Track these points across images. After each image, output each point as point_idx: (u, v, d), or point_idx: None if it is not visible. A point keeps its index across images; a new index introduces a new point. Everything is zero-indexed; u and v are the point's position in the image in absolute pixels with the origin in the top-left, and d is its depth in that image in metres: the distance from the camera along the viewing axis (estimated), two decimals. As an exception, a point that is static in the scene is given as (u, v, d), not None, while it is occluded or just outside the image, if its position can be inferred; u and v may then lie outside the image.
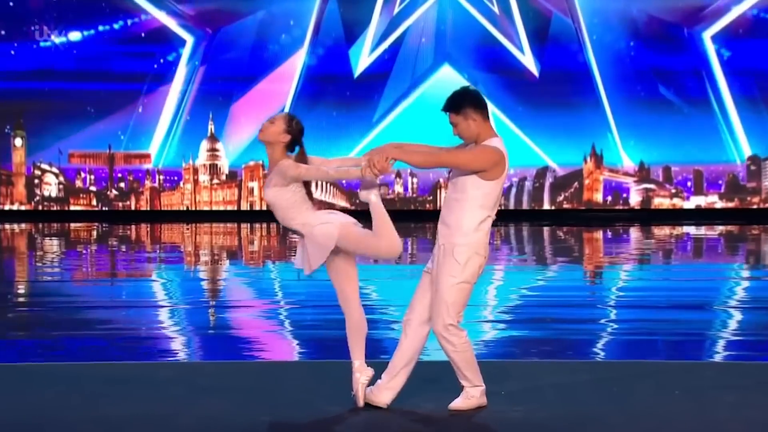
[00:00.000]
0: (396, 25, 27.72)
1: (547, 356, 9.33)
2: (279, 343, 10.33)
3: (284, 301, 13.28)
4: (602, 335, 10.50)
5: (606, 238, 23.99)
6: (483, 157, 6.60)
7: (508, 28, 27.53)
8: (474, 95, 6.71)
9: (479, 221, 6.64)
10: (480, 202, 6.64)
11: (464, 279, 6.65)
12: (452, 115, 6.71)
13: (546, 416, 6.70)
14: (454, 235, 6.64)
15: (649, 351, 9.68)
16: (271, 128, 6.86)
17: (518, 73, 27.53)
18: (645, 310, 12.27)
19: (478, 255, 6.66)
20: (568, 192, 27.92)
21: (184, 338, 10.34)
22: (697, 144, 27.50)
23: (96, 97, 27.85)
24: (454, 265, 6.63)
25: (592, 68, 27.51)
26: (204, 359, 9.28)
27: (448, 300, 6.64)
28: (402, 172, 27.94)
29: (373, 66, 27.72)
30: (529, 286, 14.56)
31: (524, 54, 27.55)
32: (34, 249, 21.71)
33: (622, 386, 7.54)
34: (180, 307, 12.57)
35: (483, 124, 6.70)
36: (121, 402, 7.03)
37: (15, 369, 8.46)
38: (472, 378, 6.79)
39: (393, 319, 11.16)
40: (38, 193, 28.41)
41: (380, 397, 6.85)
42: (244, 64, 27.80)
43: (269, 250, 21.79)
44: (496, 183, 6.65)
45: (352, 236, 6.81)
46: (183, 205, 28.45)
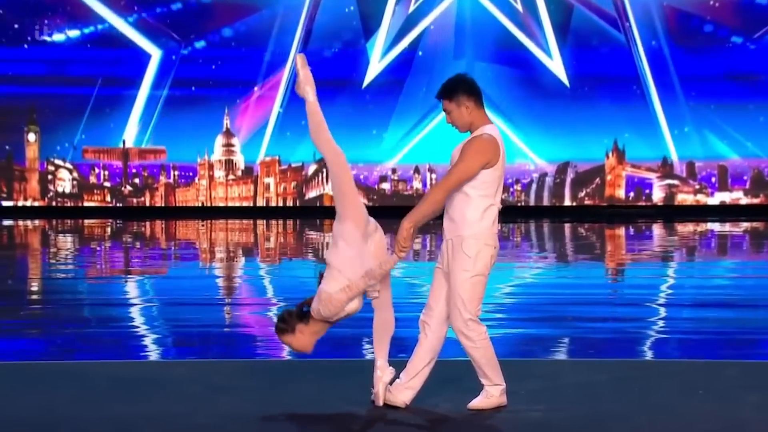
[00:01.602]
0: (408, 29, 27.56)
1: (568, 355, 9.33)
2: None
3: (300, 298, 13.01)
4: (624, 334, 10.42)
5: (628, 234, 23.95)
6: (478, 154, 6.56)
7: (531, 26, 27.34)
8: (468, 82, 6.70)
9: (483, 210, 6.60)
10: (480, 192, 6.59)
11: (477, 272, 6.60)
12: (445, 102, 6.70)
13: (566, 416, 6.66)
14: (460, 228, 6.61)
15: (673, 350, 9.60)
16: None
17: (542, 70, 27.48)
18: (668, 309, 12.16)
19: (487, 246, 6.61)
20: (590, 188, 27.87)
21: (199, 336, 10.29)
22: (722, 139, 27.38)
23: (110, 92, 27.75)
24: (465, 259, 6.59)
25: (615, 63, 27.45)
26: (220, 358, 9.17)
27: (463, 295, 6.59)
28: (420, 168, 27.80)
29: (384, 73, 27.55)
30: (550, 284, 14.50)
31: (549, 54, 27.38)
32: (48, 246, 21.74)
33: (644, 386, 7.45)
34: (195, 305, 12.50)
35: (476, 111, 6.69)
36: (134, 401, 7.00)
37: (28, 367, 8.45)
38: (493, 376, 6.73)
39: (405, 315, 10.99)
40: (52, 189, 28.37)
41: (399, 396, 6.81)
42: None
43: (285, 247, 21.79)
44: (493, 170, 6.60)
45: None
46: (198, 201, 28.33)
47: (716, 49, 27.38)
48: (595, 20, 27.45)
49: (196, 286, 14.65)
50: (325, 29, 27.69)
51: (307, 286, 14.47)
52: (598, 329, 10.67)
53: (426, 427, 6.55)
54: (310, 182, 28.12)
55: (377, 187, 28.02)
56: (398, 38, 27.75)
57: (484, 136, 6.62)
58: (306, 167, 28.07)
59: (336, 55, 27.73)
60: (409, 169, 27.96)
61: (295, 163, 28.09)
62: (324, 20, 27.71)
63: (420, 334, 6.82)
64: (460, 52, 27.61)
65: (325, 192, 28.04)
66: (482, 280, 6.62)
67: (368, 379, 6.89)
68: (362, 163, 27.91)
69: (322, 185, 28.02)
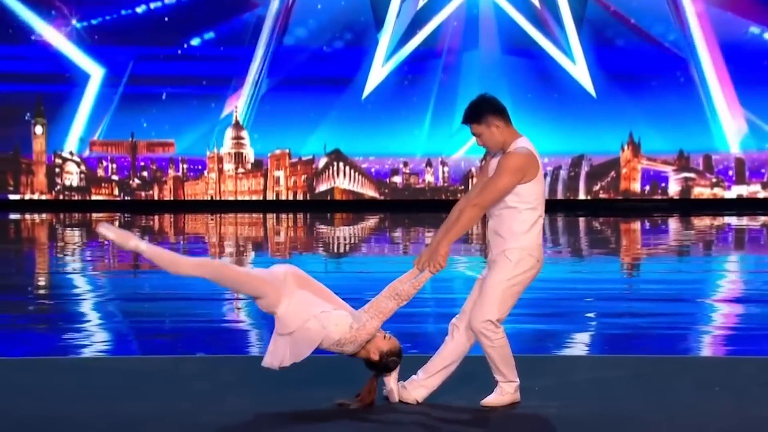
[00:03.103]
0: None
1: (583, 351, 9.34)
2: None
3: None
4: (639, 329, 10.36)
5: (644, 228, 23.97)
6: (516, 171, 6.56)
7: (547, 19, 27.21)
8: (493, 102, 6.71)
9: (531, 223, 6.65)
10: (528, 205, 6.64)
11: (513, 278, 6.62)
12: (474, 125, 6.69)
13: (581, 413, 6.65)
14: (507, 242, 6.65)
15: (688, 346, 9.59)
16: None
17: (555, 64, 27.40)
18: (684, 304, 12.11)
19: (531, 256, 6.65)
20: (605, 181, 27.78)
21: (207, 332, 10.26)
22: (738, 132, 27.30)
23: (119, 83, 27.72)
24: (506, 263, 6.63)
25: (630, 54, 27.37)
26: (228, 353, 9.12)
27: (492, 296, 6.61)
28: (432, 161, 27.66)
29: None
30: (564, 279, 14.37)
31: (565, 47, 27.23)
32: (55, 240, 21.72)
33: (659, 382, 7.43)
34: (204, 300, 12.43)
35: (506, 129, 6.68)
36: (141, 397, 6.98)
37: (34, 362, 8.45)
38: (507, 373, 6.73)
39: (422, 312, 11.01)
40: (59, 182, 28.30)
41: (413, 393, 6.80)
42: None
43: (295, 241, 21.73)
44: (535, 183, 6.64)
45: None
46: (207, 194, 28.18)
47: (736, 42, 27.14)
48: (610, 13, 27.23)
49: (204, 281, 14.42)
50: (338, 21, 27.48)
51: (317, 279, 14.41)
52: (612, 325, 10.65)
53: (439, 424, 6.53)
54: (320, 175, 27.99)
55: (389, 180, 27.91)
56: (409, 32, 27.60)
57: (520, 151, 6.60)
58: (316, 160, 27.95)
59: (346, 47, 27.57)
60: (421, 162, 27.80)
61: (305, 156, 27.94)
62: (336, 12, 27.50)
63: (447, 336, 6.84)
64: (473, 43, 27.46)
65: (335, 185, 27.89)
66: (517, 289, 6.64)
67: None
68: (373, 156, 27.79)
69: (332, 178, 27.90)
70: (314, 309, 6.53)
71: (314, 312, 6.51)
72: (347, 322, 6.53)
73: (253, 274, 6.60)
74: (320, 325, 6.48)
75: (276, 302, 6.49)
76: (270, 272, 6.62)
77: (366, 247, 20.17)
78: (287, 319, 6.49)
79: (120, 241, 6.45)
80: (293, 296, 6.54)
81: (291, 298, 6.53)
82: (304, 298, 6.57)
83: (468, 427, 6.50)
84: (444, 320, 10.60)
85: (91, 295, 13.08)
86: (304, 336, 6.47)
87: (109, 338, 9.82)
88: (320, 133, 27.70)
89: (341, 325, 6.52)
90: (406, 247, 19.76)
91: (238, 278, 6.56)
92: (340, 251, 19.05)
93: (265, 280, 6.54)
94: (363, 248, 19.88)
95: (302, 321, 6.47)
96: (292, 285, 6.60)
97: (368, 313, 6.60)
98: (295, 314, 6.49)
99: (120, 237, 6.45)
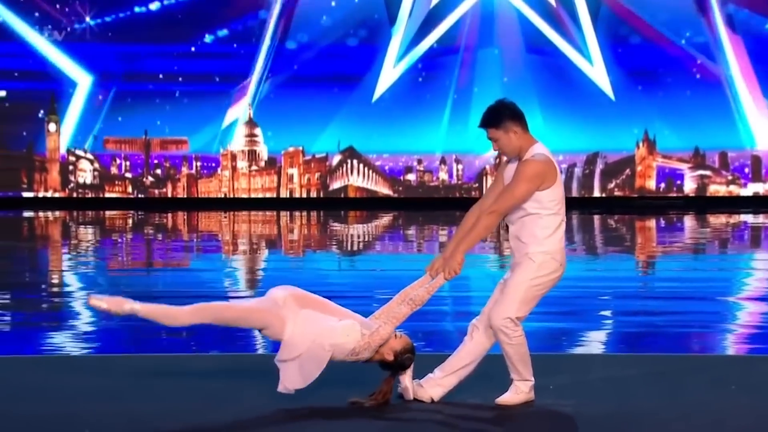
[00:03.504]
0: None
1: (597, 349, 9.31)
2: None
3: (323, 292, 12.81)
4: (654, 328, 10.29)
5: (659, 226, 23.91)
6: (533, 178, 6.58)
7: (562, 16, 27.13)
8: (510, 107, 6.70)
9: (554, 228, 6.67)
10: (549, 211, 6.66)
11: (536, 279, 6.64)
12: (491, 130, 6.68)
13: (596, 411, 6.63)
14: (530, 246, 6.66)
15: (704, 344, 9.55)
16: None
17: (570, 61, 27.30)
18: (700, 302, 12.07)
19: (554, 260, 6.67)
20: (620, 179, 27.70)
21: (221, 330, 10.03)
22: (755, 128, 27.18)
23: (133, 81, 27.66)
24: (529, 265, 6.64)
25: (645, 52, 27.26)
26: (241, 352, 9.12)
27: (514, 295, 6.62)
28: (446, 158, 27.58)
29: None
30: (579, 277, 14.28)
31: (580, 44, 27.15)
32: (69, 237, 21.72)
33: (675, 381, 7.41)
34: (217, 299, 12.17)
35: (524, 135, 6.68)
36: (154, 395, 6.97)
37: (47, 360, 8.45)
38: (523, 372, 6.74)
39: (436, 311, 10.94)
40: (73, 179, 28.26)
41: (429, 391, 6.80)
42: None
43: (309, 239, 21.70)
44: (554, 188, 6.66)
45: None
46: (221, 192, 28.14)
47: (752, 37, 27.08)
48: (625, 9, 27.14)
49: (218, 278, 14.65)
50: (352, 18, 27.44)
51: (330, 278, 14.56)
52: (627, 323, 10.62)
53: (454, 421, 6.51)
54: (334, 173, 27.93)
55: (402, 178, 27.85)
56: (424, 29, 27.53)
57: (538, 158, 6.61)
58: (330, 158, 27.89)
59: (360, 44, 27.52)
60: (435, 160, 27.72)
61: (319, 154, 27.87)
62: (350, 9, 27.46)
63: (466, 336, 6.84)
64: (488, 41, 27.38)
65: (349, 183, 27.83)
66: (538, 291, 6.65)
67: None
68: (387, 154, 27.73)
69: (346, 176, 27.84)
70: (319, 326, 6.52)
71: (319, 329, 6.50)
72: (357, 330, 6.55)
73: (252, 308, 6.58)
74: (327, 343, 6.49)
75: (281, 329, 6.50)
76: (269, 300, 6.61)
77: (380, 245, 20.12)
78: (294, 341, 6.49)
79: (114, 308, 6.40)
80: (297, 318, 6.54)
81: (295, 320, 6.53)
82: (308, 317, 6.56)
83: (483, 425, 6.50)
84: (459, 319, 10.58)
85: (104, 293, 13.02)
86: (312, 356, 6.48)
87: (122, 336, 9.81)
88: (334, 130, 27.64)
89: (352, 334, 6.54)
90: (420, 245, 19.71)
91: (237, 316, 6.55)
92: (354, 249, 19.00)
93: (266, 309, 6.53)
94: (377, 246, 19.83)
95: (309, 342, 6.47)
96: (294, 306, 6.59)
97: (380, 319, 6.63)
98: (302, 335, 6.49)
99: (113, 304, 6.41)
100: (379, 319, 6.65)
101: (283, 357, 6.49)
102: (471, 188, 27.68)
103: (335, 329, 6.52)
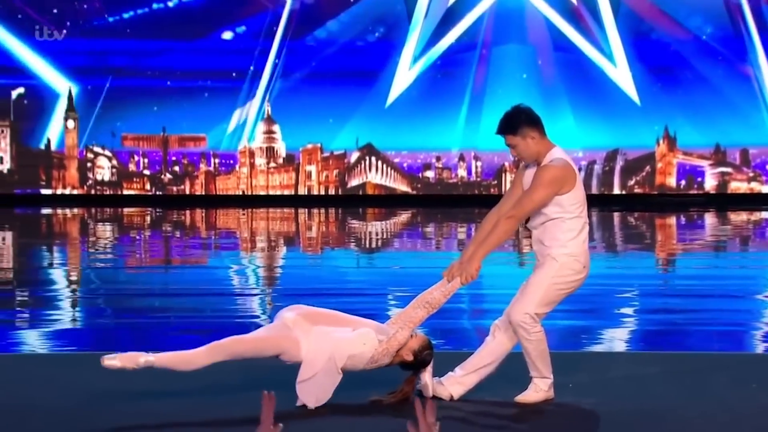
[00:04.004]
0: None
1: (618, 347, 9.29)
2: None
3: (341, 289, 13.05)
4: (675, 326, 10.32)
5: (680, 224, 23.87)
6: (552, 184, 6.62)
7: (581, 11, 27.04)
8: (527, 112, 6.75)
9: (577, 231, 6.70)
10: (571, 214, 6.69)
11: (559, 278, 6.66)
12: (509, 137, 6.72)
13: (616, 409, 6.64)
14: (553, 248, 6.70)
15: (725, 342, 9.52)
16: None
17: (590, 59, 27.19)
18: (720, 300, 12.03)
19: (577, 261, 6.70)
20: (640, 176, 27.57)
21: (239, 327, 10.15)
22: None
23: (151, 78, 27.66)
24: (552, 264, 6.67)
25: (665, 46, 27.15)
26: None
27: (535, 292, 6.64)
28: (465, 155, 27.50)
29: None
30: (599, 275, 14.20)
31: (600, 39, 27.03)
32: (87, 235, 21.74)
33: (696, 379, 7.43)
34: (235, 296, 12.51)
35: (541, 140, 6.72)
36: (173, 392, 6.93)
37: (67, 357, 8.51)
38: (542, 369, 6.75)
39: (455, 309, 10.89)
40: (91, 176, 28.25)
41: (449, 389, 6.81)
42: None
43: (327, 236, 21.71)
44: (574, 192, 6.69)
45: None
46: (239, 189, 28.12)
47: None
48: (646, 5, 27.04)
49: (236, 276, 14.64)
50: (370, 14, 27.41)
51: (348, 276, 14.54)
52: (648, 321, 10.59)
53: (473, 418, 6.52)
54: (352, 170, 27.87)
55: (421, 175, 27.77)
56: (442, 26, 27.47)
57: (556, 163, 6.65)
58: (348, 155, 27.83)
59: (378, 40, 27.49)
60: (454, 157, 27.63)
61: (337, 151, 27.81)
62: (368, 5, 27.44)
63: (488, 335, 6.85)
64: (507, 37, 27.31)
65: (367, 180, 27.77)
66: (560, 291, 6.66)
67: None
68: (406, 151, 27.65)
69: (364, 173, 27.78)
70: (333, 340, 6.55)
71: (335, 343, 6.53)
72: (373, 337, 6.58)
73: (264, 336, 6.61)
74: (344, 356, 6.52)
75: (297, 352, 6.52)
76: (279, 324, 6.64)
77: (398, 242, 20.06)
78: (311, 360, 6.51)
79: (129, 364, 6.44)
80: (310, 336, 6.55)
81: (308, 338, 6.54)
82: (321, 333, 6.58)
83: (502, 422, 6.51)
84: (477, 317, 10.53)
85: (122, 291, 13.10)
86: (328, 371, 6.52)
87: (139, 334, 9.81)
88: (352, 127, 27.58)
89: (368, 342, 6.57)
90: (438, 242, 19.64)
91: (251, 347, 6.57)
92: (373, 247, 18.95)
93: (278, 336, 6.56)
94: (395, 244, 19.76)
95: (326, 358, 6.51)
96: (305, 325, 6.61)
97: (397, 324, 6.64)
98: (319, 353, 6.52)
99: (127, 360, 6.44)
100: (396, 324, 6.67)
101: (303, 377, 6.53)
102: (490, 185, 27.59)
103: (351, 340, 6.56)
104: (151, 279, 14.31)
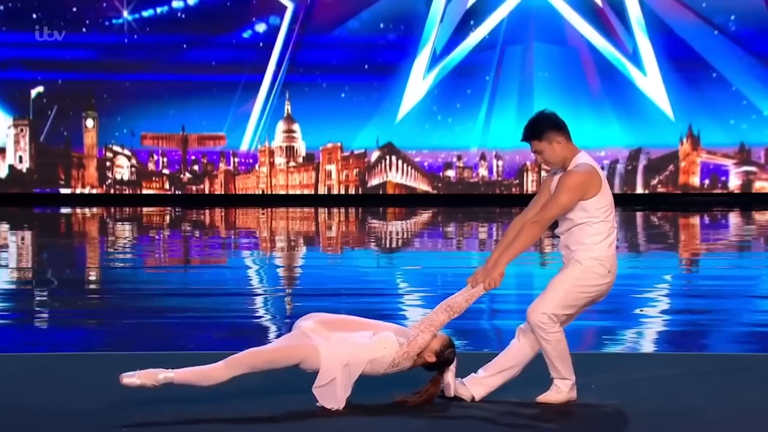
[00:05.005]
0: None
1: (641, 348, 9.28)
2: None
3: (361, 289, 13.03)
4: (699, 327, 10.30)
5: (703, 223, 23.83)
6: (577, 189, 6.60)
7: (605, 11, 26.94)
8: (552, 117, 6.74)
9: (604, 235, 6.67)
10: (597, 220, 6.66)
11: (581, 280, 6.62)
12: (535, 142, 6.71)
13: (639, 411, 6.59)
14: (579, 252, 6.66)
15: (750, 344, 9.47)
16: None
17: (613, 58, 27.12)
18: (745, 301, 12.01)
19: (602, 266, 6.64)
20: (663, 175, 27.49)
21: (259, 327, 10.27)
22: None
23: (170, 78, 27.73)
24: (576, 266, 6.64)
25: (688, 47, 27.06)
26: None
27: (555, 292, 6.62)
28: (486, 154, 27.42)
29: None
30: (622, 275, 13.94)
31: (621, 42, 26.91)
32: (106, 234, 21.79)
33: (720, 380, 7.37)
34: (256, 296, 12.53)
35: (567, 145, 6.72)
36: (194, 393, 6.75)
37: (88, 357, 8.53)
38: (562, 370, 6.71)
39: (477, 309, 10.78)
40: (110, 176, 28.31)
41: (471, 389, 6.79)
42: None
43: (347, 236, 21.68)
44: (601, 196, 6.65)
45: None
46: (258, 188, 28.09)
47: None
48: (671, 1, 26.89)
49: (256, 276, 14.67)
50: (391, 11, 27.34)
51: (367, 276, 14.53)
52: (671, 322, 10.58)
53: (495, 417, 6.50)
54: (372, 169, 27.82)
55: (442, 174, 27.70)
56: (462, 25, 27.39)
57: (581, 168, 6.64)
58: (369, 154, 27.79)
59: (399, 38, 27.43)
60: (475, 156, 27.54)
61: (357, 150, 27.75)
62: (389, 2, 27.36)
63: (513, 338, 6.83)
64: (529, 36, 27.21)
65: (388, 179, 27.71)
66: (582, 294, 6.61)
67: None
68: (426, 150, 27.59)
69: (384, 172, 27.73)
70: (353, 345, 6.55)
71: (354, 348, 6.53)
72: (393, 341, 6.57)
73: (282, 346, 6.58)
74: (364, 361, 6.51)
75: (317, 359, 6.49)
76: (297, 333, 6.62)
77: (419, 242, 19.97)
78: (330, 366, 6.49)
79: (148, 381, 6.40)
80: (329, 343, 6.53)
81: (327, 345, 6.52)
82: (340, 339, 6.57)
83: (524, 422, 6.48)
84: (499, 317, 10.41)
85: (142, 290, 13.11)
86: (346, 376, 6.51)
87: (160, 333, 9.82)
88: (372, 126, 27.51)
89: (389, 346, 6.56)
90: (459, 242, 19.55)
91: (270, 358, 6.54)
92: (393, 246, 18.88)
93: (297, 344, 6.53)
94: (416, 243, 19.68)
95: (344, 364, 6.50)
96: (323, 332, 6.59)
97: (418, 328, 6.63)
98: (337, 359, 6.49)
99: (145, 378, 6.40)
100: (418, 328, 6.64)
101: (320, 383, 6.51)
102: (511, 184, 27.52)
103: (370, 344, 6.55)
104: (170, 279, 14.34)
